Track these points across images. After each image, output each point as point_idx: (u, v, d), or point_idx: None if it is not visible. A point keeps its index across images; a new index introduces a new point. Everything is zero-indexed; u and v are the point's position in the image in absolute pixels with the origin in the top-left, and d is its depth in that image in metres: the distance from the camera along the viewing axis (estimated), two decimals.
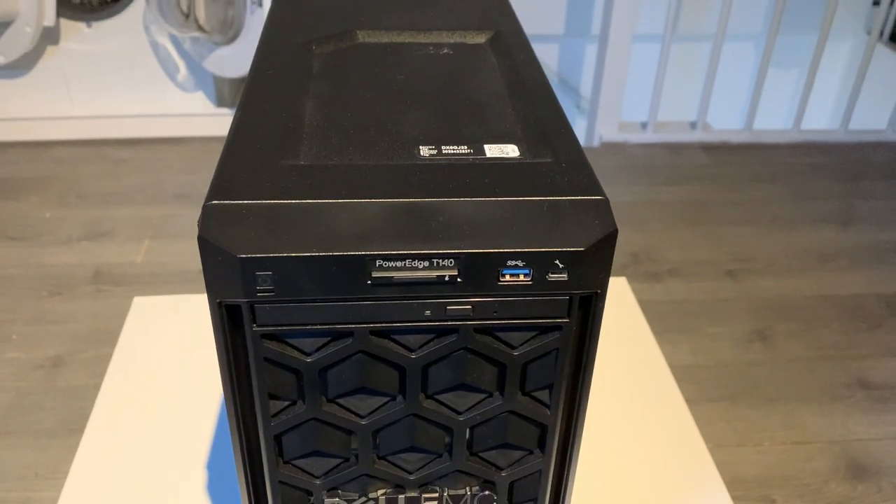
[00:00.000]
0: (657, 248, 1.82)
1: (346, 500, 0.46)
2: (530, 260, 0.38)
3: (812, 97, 2.25)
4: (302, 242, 0.37)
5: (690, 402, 0.83)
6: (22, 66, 1.99)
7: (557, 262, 0.38)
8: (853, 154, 2.21)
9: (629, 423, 0.77)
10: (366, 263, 0.38)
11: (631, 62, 2.18)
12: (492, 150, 0.45)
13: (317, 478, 0.45)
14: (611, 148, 2.17)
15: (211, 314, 0.39)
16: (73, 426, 1.35)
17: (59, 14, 1.91)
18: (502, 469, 0.46)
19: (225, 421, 0.78)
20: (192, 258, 1.72)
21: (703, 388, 1.48)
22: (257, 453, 0.45)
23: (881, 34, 2.60)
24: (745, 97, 2.35)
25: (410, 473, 0.45)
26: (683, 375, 1.48)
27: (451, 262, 0.38)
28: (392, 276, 0.38)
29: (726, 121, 2.36)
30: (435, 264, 0.38)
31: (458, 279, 0.38)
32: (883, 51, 2.56)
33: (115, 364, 0.87)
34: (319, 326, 0.39)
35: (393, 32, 0.61)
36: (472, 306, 0.40)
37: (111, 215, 1.86)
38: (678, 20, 2.59)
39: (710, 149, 2.19)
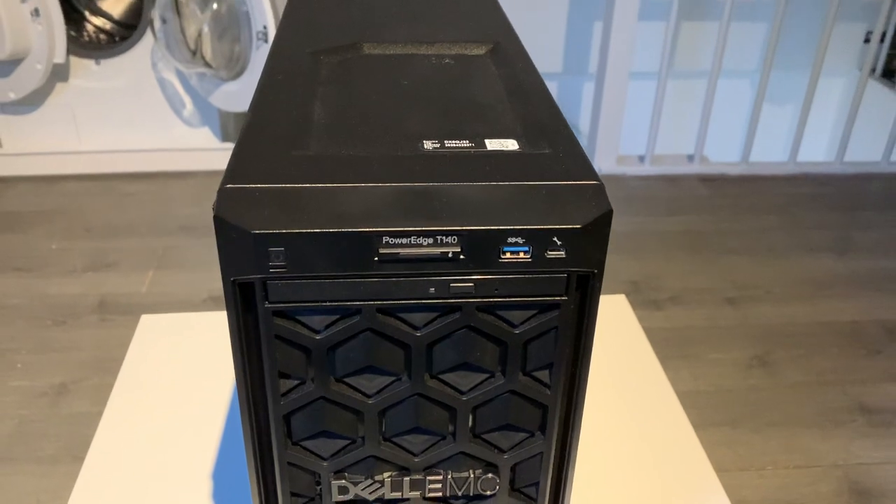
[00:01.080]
0: (657, 277, 1.84)
1: (352, 483, 0.47)
2: (530, 237, 0.40)
3: (808, 131, 2.30)
4: (313, 220, 0.39)
5: (692, 426, 0.84)
6: (32, 102, 2.03)
7: (556, 239, 0.40)
8: (849, 185, 2.24)
9: (634, 443, 0.78)
10: (373, 240, 0.40)
11: (629, 98, 2.23)
12: (492, 144, 0.47)
13: (324, 459, 0.46)
14: (609, 180, 2.20)
15: (224, 293, 0.41)
16: (75, 453, 1.36)
17: (69, 51, 1.96)
18: (504, 451, 0.47)
19: (229, 444, 0.79)
20: (196, 287, 1.73)
21: (705, 413, 1.48)
22: (266, 436, 0.46)
23: (873, 70, 2.65)
24: (743, 131, 2.39)
25: (416, 456, 0.47)
26: (685, 401, 1.48)
27: (454, 240, 0.40)
28: (398, 253, 0.40)
29: (724, 154, 2.40)
30: (439, 241, 0.40)
31: (461, 256, 0.40)
32: (876, 86, 2.61)
33: (121, 382, 0.89)
34: (329, 303, 0.41)
35: (396, 45, 0.64)
36: (475, 284, 0.41)
37: (116, 247, 1.88)
38: (675, 57, 2.65)
39: (708, 180, 2.22)
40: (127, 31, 2.05)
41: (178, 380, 0.88)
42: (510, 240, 0.40)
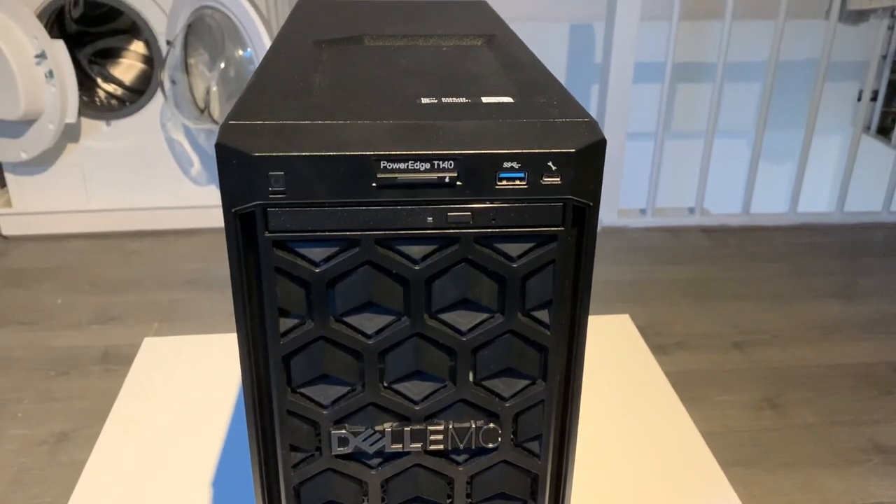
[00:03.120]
0: (662, 323, 1.83)
1: (352, 434, 0.46)
2: (525, 161, 0.41)
3: (809, 188, 2.33)
4: (312, 145, 0.40)
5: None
6: (42, 162, 2.07)
7: (550, 164, 0.41)
8: (851, 234, 2.25)
9: (638, 449, 0.77)
10: (371, 164, 0.40)
11: (632, 157, 2.27)
12: (488, 100, 0.49)
13: (324, 407, 0.46)
14: (611, 232, 2.22)
15: (226, 226, 0.42)
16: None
17: (80, 113, 2.01)
18: (506, 399, 0.47)
19: (230, 457, 0.78)
20: None
21: (716, 454, 1.45)
22: (266, 385, 0.46)
23: (868, 128, 2.70)
24: (743, 187, 2.42)
25: (416, 404, 0.46)
26: None
27: (450, 164, 0.41)
28: (396, 178, 0.40)
29: (725, 208, 2.42)
30: (436, 166, 0.41)
31: (458, 182, 0.41)
32: (874, 142, 2.65)
33: (122, 398, 0.88)
34: (328, 233, 0.41)
35: (397, 38, 0.66)
36: (472, 213, 0.42)
37: (122, 300, 1.89)
38: (674, 118, 2.71)
39: (709, 231, 2.24)
40: (137, 96, 2.11)
41: (179, 396, 0.88)
42: (506, 165, 0.41)
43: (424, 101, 0.48)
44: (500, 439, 0.47)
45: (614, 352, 0.91)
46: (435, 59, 0.60)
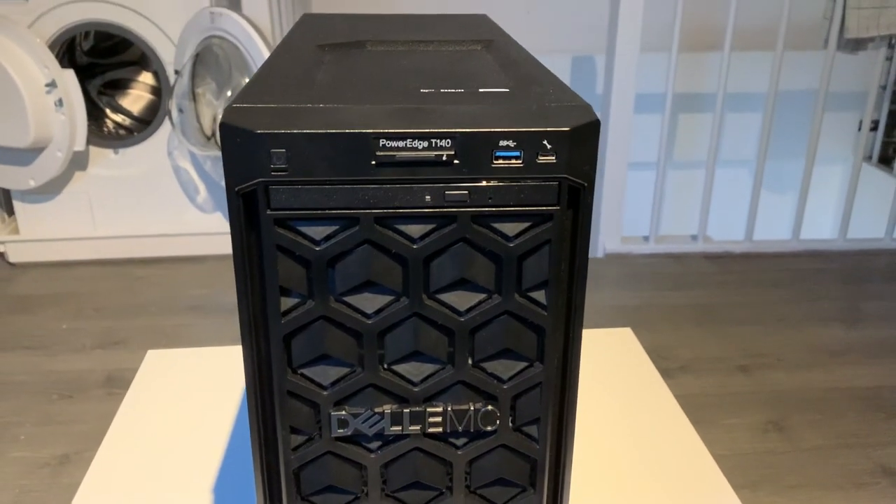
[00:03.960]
0: (667, 347, 1.83)
1: (352, 415, 0.47)
2: (520, 140, 0.42)
3: (812, 217, 2.34)
4: (313, 124, 0.41)
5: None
6: (50, 190, 2.10)
7: (546, 142, 0.42)
8: (854, 261, 2.25)
9: (642, 460, 0.77)
10: (370, 142, 0.41)
11: (636, 186, 2.30)
12: (485, 90, 0.50)
13: (324, 388, 0.46)
14: (615, 258, 2.22)
15: (229, 206, 0.43)
16: None
17: (88, 141, 2.04)
18: (504, 381, 0.47)
19: (230, 464, 0.78)
20: None
21: None
22: (267, 366, 0.46)
23: (869, 157, 2.72)
24: (746, 215, 2.43)
25: (415, 385, 0.47)
26: None
27: (448, 143, 0.42)
28: (394, 156, 0.41)
29: (729, 236, 2.43)
30: (433, 144, 0.42)
31: (455, 160, 0.42)
32: (876, 171, 2.67)
33: (124, 409, 0.88)
34: (328, 211, 0.42)
35: (398, 44, 0.68)
36: (469, 191, 0.43)
37: (126, 325, 1.89)
38: (676, 148, 2.73)
39: (713, 258, 2.24)
40: (145, 126, 2.14)
41: (181, 408, 0.88)
42: (502, 143, 0.42)
43: (423, 91, 0.49)
44: (498, 422, 0.48)
45: (615, 364, 0.91)
46: (435, 60, 0.61)
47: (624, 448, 0.78)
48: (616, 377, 0.91)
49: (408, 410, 0.47)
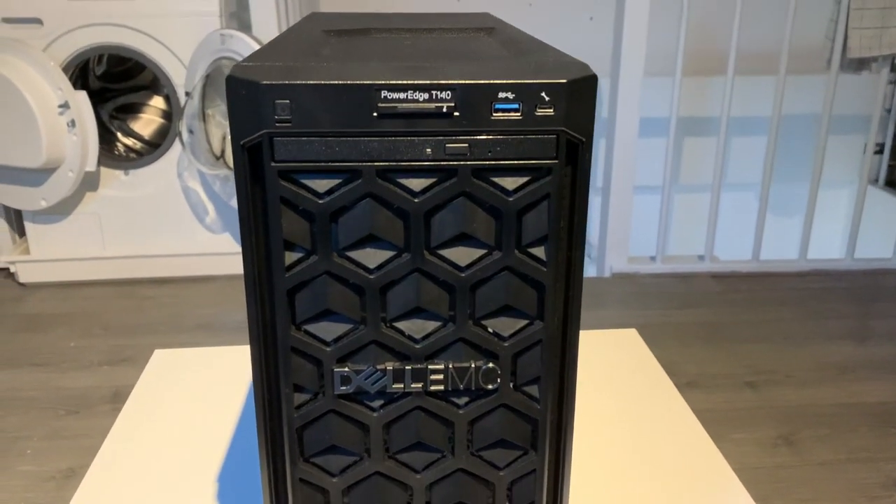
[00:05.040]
0: (674, 363, 1.82)
1: (354, 372, 0.47)
2: (519, 92, 0.43)
3: (821, 240, 2.34)
4: (317, 76, 0.42)
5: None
6: (61, 210, 2.12)
7: (544, 94, 0.43)
8: (862, 280, 2.25)
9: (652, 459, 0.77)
10: (372, 94, 0.42)
11: (644, 210, 2.31)
12: (486, 56, 0.51)
13: (327, 344, 0.47)
14: (622, 278, 2.23)
15: (234, 161, 0.44)
16: None
17: (99, 163, 2.07)
18: (505, 339, 0.47)
19: (233, 463, 0.78)
20: None
21: None
22: (271, 322, 0.47)
23: (876, 181, 2.73)
24: (753, 237, 2.43)
25: (417, 343, 0.47)
26: None
27: (448, 95, 0.43)
28: (396, 108, 0.43)
29: (736, 256, 2.43)
30: (434, 96, 0.43)
31: (455, 112, 0.43)
32: (883, 194, 2.67)
33: (129, 407, 0.89)
34: (331, 163, 0.43)
35: (402, 31, 0.70)
36: (469, 144, 0.44)
37: (134, 343, 1.90)
38: (683, 172, 2.74)
39: (719, 277, 2.24)
40: (155, 149, 2.16)
41: (186, 405, 0.88)
42: (501, 95, 0.43)
43: (426, 54, 0.50)
44: (499, 381, 0.48)
45: (621, 363, 0.91)
46: (438, 41, 0.63)
47: (631, 446, 0.78)
48: (621, 376, 0.92)
49: (410, 368, 0.47)
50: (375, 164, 0.44)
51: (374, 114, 0.43)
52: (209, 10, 1.94)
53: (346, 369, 0.47)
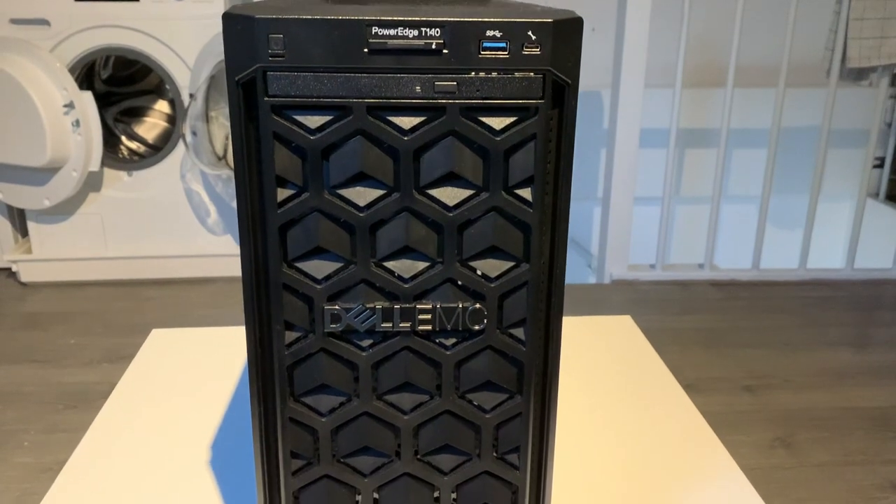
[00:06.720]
0: (673, 368, 1.81)
1: (344, 309, 0.48)
2: (506, 30, 0.44)
3: (821, 253, 2.35)
4: (310, 11, 0.44)
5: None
6: (63, 210, 2.14)
7: (530, 33, 0.44)
8: (862, 290, 2.25)
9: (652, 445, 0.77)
10: (363, 29, 0.44)
11: (643, 221, 2.32)
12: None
13: (318, 282, 0.47)
14: (622, 285, 2.23)
15: (229, 97, 0.45)
16: None
17: (103, 164, 2.09)
18: (491, 280, 0.48)
19: (223, 444, 0.79)
20: None
21: None
22: (263, 261, 0.48)
23: (877, 195, 2.74)
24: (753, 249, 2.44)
25: (405, 282, 0.48)
26: None
27: (437, 32, 0.44)
28: (386, 43, 0.44)
29: (735, 264, 2.43)
30: (423, 33, 0.44)
31: (444, 50, 0.44)
32: (883, 208, 2.68)
33: (124, 383, 0.90)
34: (323, 99, 0.44)
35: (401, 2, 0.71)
36: (457, 83, 0.45)
37: (134, 342, 1.91)
38: (684, 183, 2.75)
39: (719, 285, 2.25)
40: (159, 153, 2.18)
41: (181, 380, 0.89)
42: (488, 33, 0.44)
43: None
44: (485, 321, 0.49)
45: (617, 349, 0.92)
46: (435, 7, 0.64)
47: (632, 429, 0.78)
48: (617, 359, 0.92)
49: (398, 307, 0.48)
50: (366, 100, 0.45)
51: (365, 50, 0.44)
52: (215, 12, 1.97)
53: (337, 307, 0.48)
